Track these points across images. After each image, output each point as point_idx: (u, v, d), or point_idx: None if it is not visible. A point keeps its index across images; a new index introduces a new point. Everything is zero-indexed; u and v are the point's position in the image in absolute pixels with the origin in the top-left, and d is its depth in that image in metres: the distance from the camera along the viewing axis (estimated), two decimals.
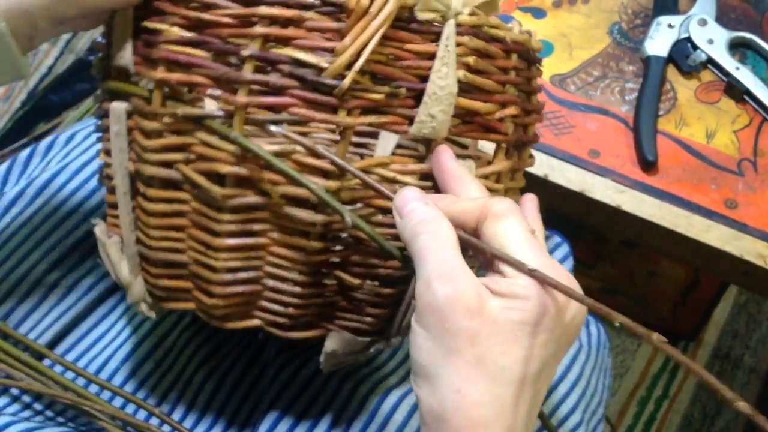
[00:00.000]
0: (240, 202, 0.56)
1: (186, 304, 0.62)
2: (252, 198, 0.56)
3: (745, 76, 1.01)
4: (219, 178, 0.56)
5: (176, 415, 0.74)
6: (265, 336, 0.76)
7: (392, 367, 0.73)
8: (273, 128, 0.55)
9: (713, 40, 1.03)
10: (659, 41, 1.04)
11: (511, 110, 0.60)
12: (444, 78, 0.55)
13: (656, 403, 1.46)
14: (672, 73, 1.04)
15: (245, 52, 0.53)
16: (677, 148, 0.99)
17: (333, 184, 0.55)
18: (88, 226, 0.75)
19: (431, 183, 0.57)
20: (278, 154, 0.54)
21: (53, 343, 0.75)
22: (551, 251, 0.82)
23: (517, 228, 0.50)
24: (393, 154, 0.57)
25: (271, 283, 0.59)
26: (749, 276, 0.95)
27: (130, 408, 0.72)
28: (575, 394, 0.74)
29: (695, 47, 1.04)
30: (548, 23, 1.07)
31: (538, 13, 1.08)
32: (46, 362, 0.73)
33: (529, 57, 0.62)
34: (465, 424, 0.46)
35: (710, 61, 1.03)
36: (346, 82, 0.53)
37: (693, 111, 1.01)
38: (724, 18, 1.07)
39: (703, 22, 1.04)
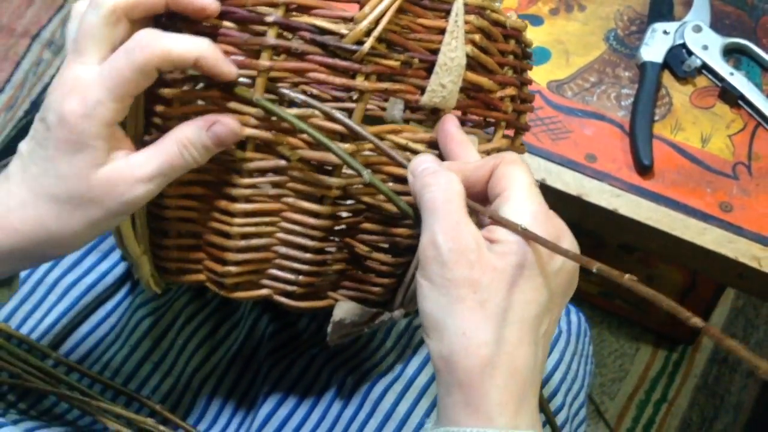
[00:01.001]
0: (259, 166, 0.58)
1: (196, 276, 0.63)
2: (271, 161, 0.58)
3: (739, 81, 1.02)
4: (239, 144, 0.58)
5: (177, 415, 0.75)
6: (260, 335, 0.77)
7: (380, 356, 0.75)
8: (292, 94, 0.57)
9: (708, 46, 1.05)
10: (654, 47, 1.05)
11: (510, 90, 0.63)
12: (454, 51, 0.58)
13: (655, 407, 1.47)
14: (667, 78, 1.05)
15: (269, 18, 0.55)
16: (673, 152, 1.00)
17: (348, 147, 0.57)
18: None
19: (439, 152, 0.60)
20: (297, 117, 0.57)
21: (55, 345, 0.76)
22: None
23: (524, 175, 0.53)
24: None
25: (283, 249, 0.61)
26: (744, 278, 0.96)
27: (134, 408, 0.74)
28: (556, 378, 0.75)
29: (690, 53, 1.05)
30: (545, 30, 1.09)
31: (536, 20, 1.09)
32: (49, 363, 0.74)
33: (524, 45, 0.66)
34: (473, 363, 0.49)
35: (705, 67, 1.05)
36: (366, 46, 0.56)
37: (688, 116, 1.03)
38: (718, 24, 1.08)
39: (697, 29, 1.06)
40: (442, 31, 0.58)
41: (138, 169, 0.54)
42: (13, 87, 1.64)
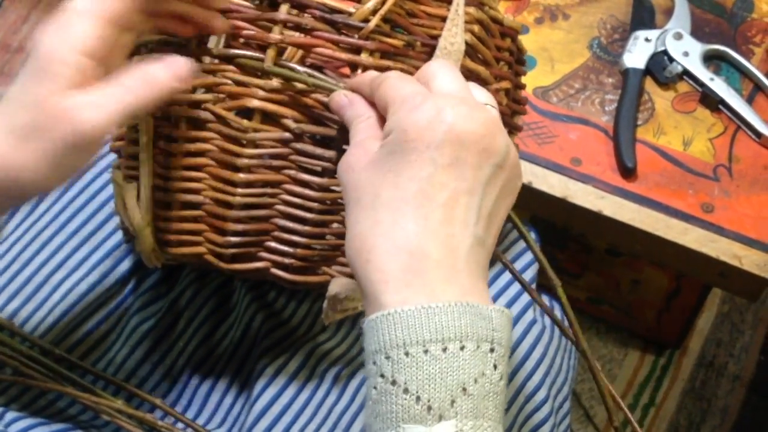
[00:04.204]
0: (264, 136, 0.61)
1: (196, 248, 0.66)
2: (275, 133, 0.61)
3: (719, 86, 1.05)
4: (245, 115, 0.61)
5: (176, 411, 0.76)
6: (255, 334, 0.79)
7: None
8: (298, 68, 0.61)
9: (688, 53, 1.08)
10: (637, 54, 1.08)
11: (505, 84, 0.67)
12: (454, 36, 0.61)
13: (643, 411, 1.48)
14: (649, 84, 1.08)
15: None
16: (655, 155, 1.03)
17: None
18: (89, 227, 0.78)
19: None
20: (302, 91, 0.60)
21: (57, 343, 0.77)
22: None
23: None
24: None
25: (282, 222, 0.64)
26: (725, 277, 0.99)
27: (135, 403, 0.75)
28: (540, 371, 0.77)
29: (671, 60, 1.08)
30: (531, 39, 1.12)
31: (521, 29, 1.12)
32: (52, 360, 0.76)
33: (519, 50, 0.70)
34: (351, 255, 0.53)
35: (686, 73, 1.08)
36: (372, 24, 0.60)
37: (670, 120, 1.06)
38: (698, 32, 1.11)
39: (678, 36, 1.09)
40: (443, 19, 0.62)
41: (95, 108, 0.54)
42: None
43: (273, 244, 0.65)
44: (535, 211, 1.07)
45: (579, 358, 0.86)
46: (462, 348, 0.49)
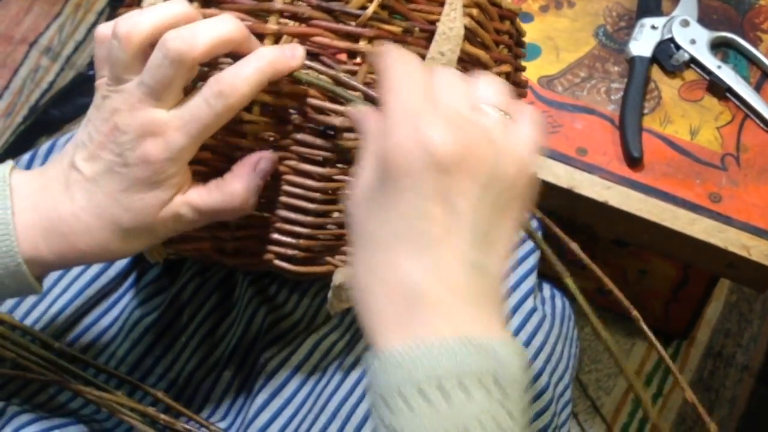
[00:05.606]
0: (264, 128, 0.61)
1: (199, 244, 0.65)
2: (276, 125, 0.61)
3: (726, 74, 1.04)
4: (245, 108, 0.60)
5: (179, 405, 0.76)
6: (257, 328, 0.78)
7: None
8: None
9: (695, 40, 1.07)
10: (643, 42, 1.07)
11: (505, 68, 0.66)
12: (452, 21, 0.61)
13: (650, 401, 1.48)
14: (656, 72, 1.07)
15: None
16: (662, 144, 1.02)
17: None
18: None
19: None
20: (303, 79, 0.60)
21: (58, 336, 0.77)
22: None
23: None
24: None
25: (284, 213, 0.63)
26: (734, 267, 0.98)
27: (137, 396, 0.75)
28: (540, 359, 0.77)
29: (678, 47, 1.07)
30: (535, 27, 1.11)
31: (526, 17, 1.11)
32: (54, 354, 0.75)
33: (518, 32, 0.69)
34: (355, 294, 0.52)
35: (693, 61, 1.07)
36: (369, 10, 0.59)
37: (677, 109, 1.04)
38: (705, 19, 1.10)
39: (685, 23, 1.08)
40: (441, 4, 0.61)
41: (191, 210, 0.59)
42: (12, 94, 1.66)
43: (276, 236, 0.64)
44: (540, 202, 1.06)
45: (581, 348, 0.85)
46: (460, 385, 0.46)
